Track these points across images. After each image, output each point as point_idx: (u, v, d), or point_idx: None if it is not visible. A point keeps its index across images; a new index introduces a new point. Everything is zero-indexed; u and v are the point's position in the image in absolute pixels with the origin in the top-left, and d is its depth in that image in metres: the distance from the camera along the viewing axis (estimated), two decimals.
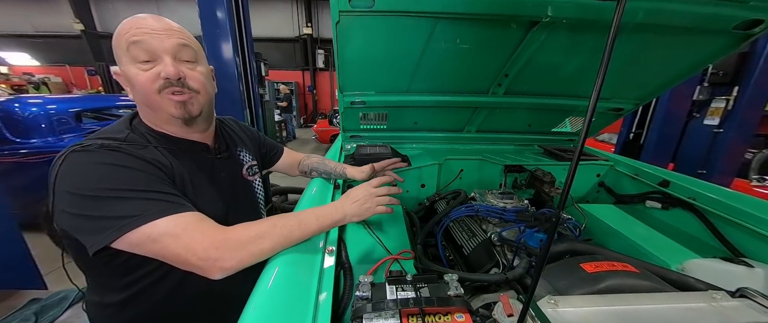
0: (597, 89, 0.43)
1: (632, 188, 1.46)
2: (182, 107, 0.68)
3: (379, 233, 0.99)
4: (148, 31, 0.62)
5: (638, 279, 0.63)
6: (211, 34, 1.83)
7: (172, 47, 0.65)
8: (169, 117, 0.69)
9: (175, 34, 0.66)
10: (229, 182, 0.85)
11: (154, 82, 0.64)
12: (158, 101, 0.66)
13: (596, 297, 0.59)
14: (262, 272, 0.60)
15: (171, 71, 0.63)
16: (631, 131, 2.45)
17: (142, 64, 0.63)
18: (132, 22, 0.63)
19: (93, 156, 0.59)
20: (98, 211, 0.56)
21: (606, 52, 0.45)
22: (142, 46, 0.62)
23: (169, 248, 0.57)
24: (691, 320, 0.55)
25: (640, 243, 1.03)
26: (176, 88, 0.66)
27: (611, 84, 1.38)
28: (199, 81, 0.70)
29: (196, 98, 0.70)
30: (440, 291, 0.66)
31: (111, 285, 0.68)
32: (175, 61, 0.65)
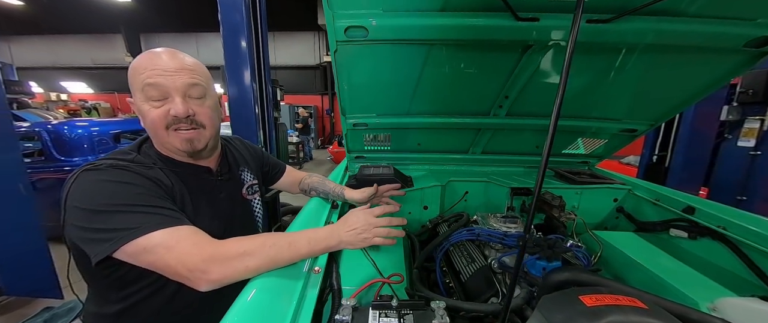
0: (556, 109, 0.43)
1: (654, 215, 1.35)
2: (189, 143, 0.74)
3: (375, 254, 0.97)
4: (161, 73, 0.68)
5: (646, 317, 0.57)
6: (232, 64, 2.00)
7: (183, 87, 0.70)
8: (175, 150, 0.75)
9: (186, 74, 0.70)
10: (228, 202, 0.89)
11: (164, 118, 0.70)
12: (165, 137, 0.72)
13: None
14: (239, 293, 0.60)
15: (180, 111, 0.69)
16: (655, 154, 2.29)
17: (154, 102, 0.69)
18: (148, 62, 0.69)
19: (101, 174, 0.65)
20: (102, 224, 0.60)
21: (563, 72, 0.45)
22: (156, 88, 0.68)
23: (163, 259, 0.59)
24: None
25: (663, 276, 0.93)
26: (184, 124, 0.72)
27: (622, 105, 1.33)
28: (207, 116, 0.76)
29: (203, 133, 0.76)
30: (425, 319, 0.63)
31: (108, 297, 0.71)
32: (185, 99, 0.71)
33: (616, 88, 1.23)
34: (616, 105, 1.33)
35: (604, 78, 1.18)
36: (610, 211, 1.51)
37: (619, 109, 1.36)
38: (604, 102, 1.31)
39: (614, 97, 1.28)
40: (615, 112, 1.36)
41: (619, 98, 1.29)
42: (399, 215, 1.49)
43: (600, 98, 1.29)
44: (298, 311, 0.61)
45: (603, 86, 1.22)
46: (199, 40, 12.59)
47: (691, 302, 0.82)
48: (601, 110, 1.35)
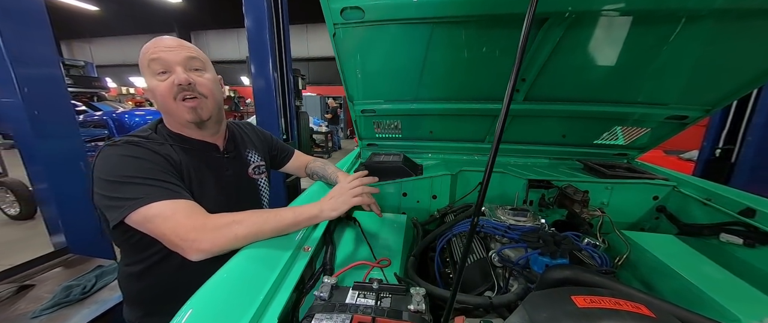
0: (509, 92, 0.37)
1: (703, 217, 1.15)
2: (194, 112, 0.80)
3: (374, 239, 0.98)
4: (163, 49, 0.75)
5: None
6: (256, 56, 2.11)
7: (183, 59, 0.77)
8: (185, 121, 0.82)
9: (185, 49, 0.78)
10: (234, 179, 0.96)
11: (170, 89, 0.76)
12: (174, 107, 0.79)
13: None
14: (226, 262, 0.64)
15: (182, 78, 0.76)
16: (718, 147, 1.91)
17: (160, 75, 0.76)
18: (152, 44, 0.77)
19: (119, 149, 0.73)
20: (116, 192, 0.68)
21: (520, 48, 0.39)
22: (159, 61, 0.75)
23: (159, 227, 0.66)
24: None
25: (701, 286, 0.80)
26: (188, 93, 0.78)
27: (672, 87, 1.13)
28: (207, 87, 0.81)
29: (205, 102, 0.81)
30: (403, 303, 0.62)
31: (131, 259, 0.82)
32: (186, 71, 0.77)
33: (667, 66, 1.04)
34: (663, 87, 1.13)
35: (652, 55, 1.00)
36: (648, 210, 1.33)
37: (667, 91, 1.16)
38: (649, 84, 1.12)
39: (663, 77, 1.09)
40: (662, 95, 1.16)
41: (669, 79, 1.09)
42: (407, 204, 1.48)
43: (644, 79, 1.11)
44: (279, 282, 0.64)
45: (650, 64, 1.04)
46: (240, 35, 13.44)
47: (731, 318, 0.70)
48: (645, 93, 1.16)
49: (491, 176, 0.41)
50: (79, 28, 13.76)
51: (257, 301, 0.55)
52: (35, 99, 1.31)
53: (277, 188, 2.30)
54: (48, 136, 1.39)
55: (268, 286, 0.60)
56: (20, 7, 1.26)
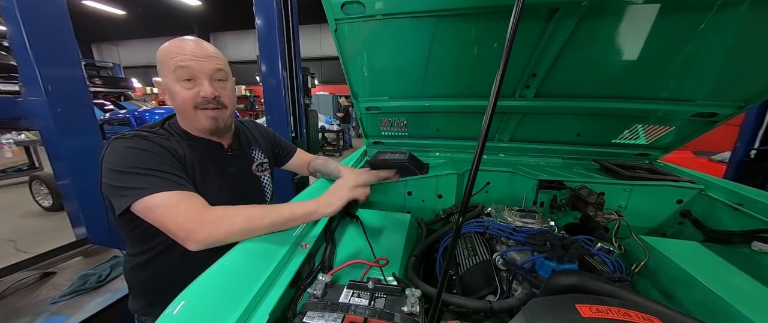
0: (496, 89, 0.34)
1: (733, 223, 1.06)
2: (213, 121, 0.83)
3: (376, 238, 0.97)
4: (192, 58, 0.76)
5: None
6: (265, 55, 2.14)
7: (210, 71, 0.79)
8: (203, 129, 0.84)
9: (212, 60, 0.79)
10: (238, 176, 0.97)
11: (194, 99, 0.78)
12: (194, 115, 0.81)
13: None
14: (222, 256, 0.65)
15: (208, 93, 0.78)
16: (753, 148, 1.74)
17: (185, 82, 0.77)
18: (177, 47, 0.77)
19: (127, 142, 0.75)
20: (122, 182, 0.70)
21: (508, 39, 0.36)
22: (188, 71, 0.76)
23: (160, 217, 0.67)
24: None
25: (727, 298, 0.74)
26: (211, 104, 0.81)
27: (700, 81, 1.04)
28: (228, 98, 0.85)
29: (224, 112, 0.85)
30: (397, 304, 0.61)
31: (136, 249, 0.84)
32: (211, 83, 0.79)
33: (694, 59, 0.96)
34: (689, 82, 1.04)
35: (677, 46, 0.93)
36: (671, 214, 1.24)
37: (693, 86, 1.07)
38: (673, 78, 1.04)
39: (689, 71, 1.00)
40: (688, 91, 1.07)
41: (696, 73, 1.01)
42: (412, 203, 1.45)
43: (667, 73, 1.03)
44: (274, 278, 0.64)
45: (674, 56, 0.97)
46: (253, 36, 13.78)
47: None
48: (669, 88, 1.08)
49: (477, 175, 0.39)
50: (107, 32, 14.58)
51: (250, 295, 0.55)
52: (58, 97, 1.39)
53: (285, 185, 2.33)
54: (69, 133, 1.47)
55: (261, 281, 0.59)
56: (44, 13, 1.34)
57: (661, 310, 0.53)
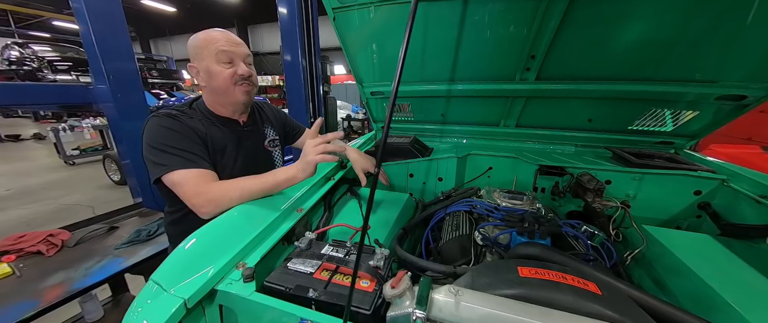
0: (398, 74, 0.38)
1: (754, 216, 0.97)
2: (247, 95, 1.00)
3: (373, 212, 1.08)
4: (232, 45, 0.94)
5: (583, 300, 0.48)
6: (288, 44, 2.29)
7: (244, 55, 0.97)
8: (238, 102, 1.01)
9: (244, 47, 0.98)
10: (252, 150, 1.12)
11: (232, 77, 0.95)
12: (232, 90, 0.98)
13: (510, 302, 0.49)
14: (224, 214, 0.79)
15: (246, 70, 0.96)
16: None
17: (225, 64, 0.94)
18: (218, 35, 0.94)
19: (159, 120, 0.92)
20: (153, 157, 0.87)
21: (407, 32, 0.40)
22: (228, 54, 0.93)
23: (178, 191, 0.85)
24: None
25: (717, 288, 0.71)
26: (246, 82, 0.98)
27: (716, 58, 0.94)
28: (256, 78, 1.03)
29: (253, 90, 1.02)
30: (367, 260, 0.70)
31: (171, 207, 1.04)
32: (246, 64, 0.98)
33: (714, 33, 0.87)
34: (710, 59, 0.95)
35: (693, 19, 0.85)
36: (687, 206, 1.15)
37: (715, 65, 0.96)
38: (689, 56, 0.95)
39: (709, 48, 0.91)
40: (709, 70, 0.98)
41: (717, 49, 0.91)
42: (414, 185, 1.52)
43: (683, 51, 0.94)
44: (270, 232, 0.77)
45: (689, 31, 0.89)
46: None
47: (740, 322, 0.63)
48: (686, 67, 0.99)
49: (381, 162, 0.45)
50: (161, 28, 16.13)
51: (246, 241, 0.69)
52: (117, 86, 1.67)
53: None
54: (126, 116, 1.75)
55: (257, 232, 0.73)
56: (105, 13, 1.60)
57: (605, 280, 0.56)
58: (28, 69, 6.22)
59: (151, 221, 1.55)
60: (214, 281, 0.59)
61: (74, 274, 1.14)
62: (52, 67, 6.11)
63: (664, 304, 0.53)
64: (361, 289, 0.60)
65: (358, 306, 0.56)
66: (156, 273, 0.58)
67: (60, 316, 1.46)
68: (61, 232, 1.37)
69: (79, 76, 6.02)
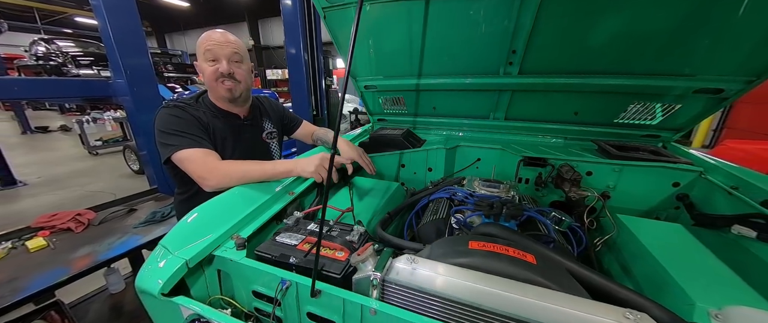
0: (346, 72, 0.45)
1: (726, 207, 1.00)
2: (229, 91, 1.09)
3: (362, 198, 1.17)
4: (215, 44, 1.02)
5: (518, 268, 0.56)
6: (290, 38, 2.37)
7: (228, 54, 1.04)
8: (221, 96, 1.10)
9: (230, 46, 1.04)
10: (250, 141, 1.23)
11: (215, 74, 1.05)
12: (215, 86, 1.07)
13: (456, 269, 0.58)
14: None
15: (224, 69, 1.03)
16: None
17: (210, 62, 1.04)
18: (207, 37, 1.04)
19: (169, 110, 1.04)
20: (164, 140, 0.99)
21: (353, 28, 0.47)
22: (213, 53, 1.02)
23: (187, 167, 0.95)
24: (539, 314, 0.47)
25: (669, 270, 0.77)
26: (227, 79, 1.06)
27: (690, 51, 0.96)
28: (242, 75, 1.09)
29: (238, 86, 1.10)
30: (345, 235, 0.79)
31: (180, 189, 1.16)
32: (229, 63, 1.04)
33: (687, 26, 0.89)
34: (685, 53, 0.97)
35: (666, 12, 0.88)
36: (666, 197, 1.19)
37: (690, 58, 0.98)
38: (665, 50, 0.98)
39: (682, 40, 0.94)
40: (685, 63, 1.00)
41: (691, 42, 0.93)
42: (405, 174, 1.59)
43: (658, 44, 0.97)
44: (263, 210, 0.87)
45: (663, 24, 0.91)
46: None
47: (687, 301, 0.68)
48: (663, 61, 1.01)
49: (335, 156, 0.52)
50: (176, 23, 16.52)
51: (241, 216, 0.79)
52: (134, 80, 1.80)
53: None
54: (142, 109, 1.90)
55: (251, 209, 0.83)
56: (121, 9, 1.73)
57: (544, 252, 0.63)
58: (53, 64, 6.59)
59: (164, 205, 1.70)
60: (211, 247, 0.70)
61: (99, 248, 1.29)
62: (76, 62, 6.44)
63: (596, 276, 0.60)
64: (336, 258, 0.70)
65: (330, 271, 0.65)
66: (164, 239, 0.69)
67: (88, 286, 1.65)
68: (88, 212, 1.53)
69: (101, 70, 6.33)
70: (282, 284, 0.63)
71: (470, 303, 0.52)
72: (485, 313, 0.51)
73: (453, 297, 0.53)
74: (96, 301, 1.57)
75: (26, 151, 6.33)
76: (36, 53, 7.14)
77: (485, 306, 0.51)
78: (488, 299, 0.51)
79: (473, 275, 0.56)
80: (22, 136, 7.82)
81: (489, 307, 0.51)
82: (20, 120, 8.05)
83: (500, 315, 0.50)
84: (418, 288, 0.56)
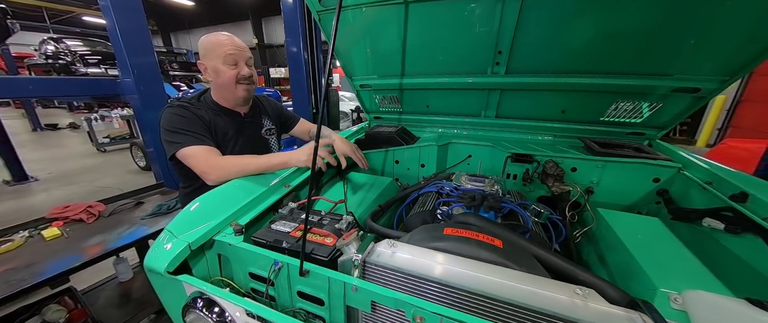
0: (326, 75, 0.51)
1: (701, 201, 1.05)
2: (247, 92, 1.19)
3: (356, 192, 1.24)
4: (237, 49, 1.11)
5: (486, 251, 0.62)
6: (291, 36, 2.44)
7: (246, 58, 1.15)
8: (239, 98, 1.19)
9: (247, 51, 1.15)
10: (250, 138, 1.30)
11: (235, 77, 1.13)
12: (234, 88, 1.16)
13: (433, 252, 0.64)
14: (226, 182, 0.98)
15: (247, 73, 1.14)
16: None
17: (231, 65, 1.12)
18: (226, 40, 1.11)
19: (174, 109, 1.11)
20: (169, 137, 1.06)
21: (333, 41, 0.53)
22: (234, 57, 1.11)
23: (190, 163, 1.03)
24: (500, 290, 0.53)
25: (638, 259, 0.82)
26: (246, 81, 1.16)
27: (667, 52, 1.00)
28: (255, 78, 1.20)
29: (254, 87, 1.21)
30: (334, 224, 0.86)
31: (185, 183, 1.23)
32: (248, 66, 1.15)
33: (663, 29, 0.94)
34: (663, 54, 1.02)
35: (643, 15, 0.93)
36: (647, 193, 1.23)
37: (668, 59, 1.03)
38: (644, 51, 1.02)
39: (659, 42, 0.99)
40: (663, 64, 1.05)
41: (667, 43, 0.98)
42: (399, 170, 1.65)
43: (637, 46, 1.02)
44: (259, 201, 0.94)
45: (641, 26, 0.97)
46: None
47: (650, 286, 0.74)
48: (643, 62, 1.06)
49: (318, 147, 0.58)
50: (181, 21, 16.70)
51: (240, 205, 0.86)
52: (141, 79, 1.89)
53: None
54: (149, 107, 1.98)
55: (248, 200, 0.90)
56: (128, 9, 1.80)
57: (512, 238, 0.69)
58: (62, 63, 6.75)
59: (170, 198, 1.78)
60: (212, 233, 0.77)
61: (109, 237, 1.38)
62: (84, 60, 6.59)
63: (559, 260, 0.65)
64: (324, 244, 0.76)
65: (318, 255, 0.72)
66: (169, 224, 0.76)
67: (100, 274, 1.74)
68: (98, 204, 1.62)
69: (108, 69, 6.47)
70: (275, 265, 0.69)
71: (440, 281, 0.58)
72: (454, 290, 0.57)
73: (426, 276, 0.59)
74: (106, 289, 1.66)
75: (37, 147, 6.51)
76: (45, 52, 7.31)
77: (454, 283, 0.57)
78: (456, 278, 0.58)
79: (445, 257, 0.62)
80: (33, 133, 8.03)
81: (457, 285, 0.57)
82: (31, 118, 8.26)
83: (467, 292, 0.56)
84: (395, 268, 0.62)
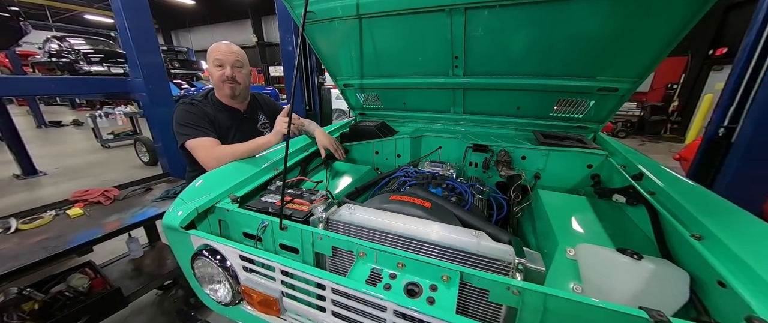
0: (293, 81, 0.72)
1: (619, 182, 1.26)
2: (232, 90, 1.40)
3: (338, 178, 1.45)
4: (223, 53, 1.34)
5: (416, 209, 0.83)
6: (284, 38, 2.65)
7: (232, 62, 1.37)
8: (225, 95, 1.41)
9: (233, 55, 1.37)
10: (248, 131, 1.52)
11: (221, 77, 1.36)
12: (220, 86, 1.38)
13: (379, 211, 0.85)
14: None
15: (228, 74, 1.36)
16: (722, 126, 1.65)
17: (218, 67, 1.35)
18: (216, 48, 1.35)
19: (184, 106, 1.33)
20: (180, 130, 1.29)
21: (298, 46, 0.74)
22: (220, 61, 1.35)
23: (195, 153, 1.25)
24: (422, 234, 0.75)
25: (553, 224, 1.04)
26: (229, 81, 1.37)
27: (586, 59, 1.22)
28: (242, 78, 1.43)
29: (238, 86, 1.42)
30: (311, 197, 1.07)
31: (191, 168, 1.45)
32: (232, 68, 1.36)
33: (575, 41, 1.17)
34: (583, 60, 1.24)
35: (556, 31, 1.15)
36: (583, 177, 1.45)
37: (588, 64, 1.25)
38: (566, 58, 1.25)
39: (576, 51, 1.22)
40: (585, 68, 1.26)
41: (582, 52, 1.21)
42: (379, 160, 1.86)
43: (560, 54, 1.24)
44: (252, 180, 1.16)
45: (556, 40, 1.18)
46: None
47: (555, 243, 0.95)
48: (569, 66, 1.28)
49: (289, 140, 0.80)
50: (182, 19, 16.85)
51: (236, 181, 1.08)
52: (149, 78, 2.10)
53: None
54: (157, 105, 2.19)
55: (243, 178, 1.12)
56: (136, 9, 2.01)
57: (440, 203, 0.90)
58: (65, 61, 6.93)
59: (175, 185, 2.00)
60: (213, 201, 0.98)
61: (124, 216, 1.60)
62: (87, 59, 6.78)
63: (472, 218, 0.87)
64: (301, 209, 0.98)
65: (296, 218, 0.93)
66: (181, 194, 0.98)
67: (115, 251, 1.97)
68: (113, 189, 1.84)
69: (110, 67, 6.66)
70: (262, 223, 0.91)
71: (382, 229, 0.80)
72: (392, 235, 0.79)
73: (372, 226, 0.81)
74: (120, 264, 1.88)
75: (42, 143, 6.72)
76: (49, 51, 7.49)
77: (390, 230, 0.79)
78: (393, 227, 0.79)
79: (387, 214, 0.84)
80: (37, 130, 8.24)
81: (393, 231, 0.79)
82: (35, 115, 8.47)
83: (401, 236, 0.78)
84: (351, 222, 0.84)
